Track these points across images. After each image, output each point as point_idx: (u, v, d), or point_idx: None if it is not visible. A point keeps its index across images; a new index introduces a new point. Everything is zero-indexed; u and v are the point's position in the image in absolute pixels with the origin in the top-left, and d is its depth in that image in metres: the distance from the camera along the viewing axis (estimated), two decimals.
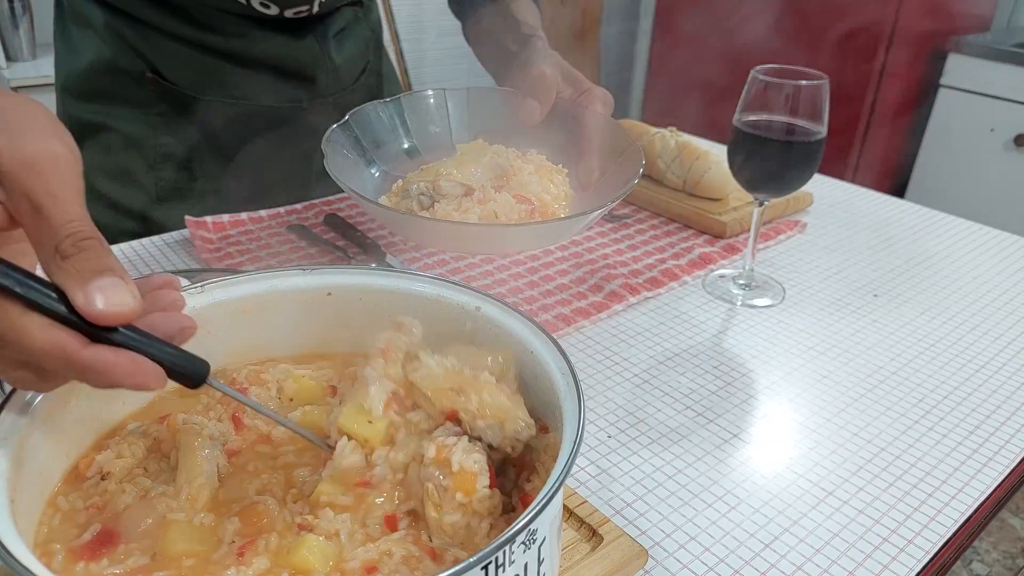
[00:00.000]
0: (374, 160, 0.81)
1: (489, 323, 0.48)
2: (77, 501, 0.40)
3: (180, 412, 0.46)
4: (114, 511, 0.39)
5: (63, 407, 0.42)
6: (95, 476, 0.42)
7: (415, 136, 0.84)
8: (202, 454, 0.42)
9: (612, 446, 0.62)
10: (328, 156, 0.70)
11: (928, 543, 0.54)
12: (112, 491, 0.40)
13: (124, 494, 0.40)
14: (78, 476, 0.42)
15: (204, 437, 0.43)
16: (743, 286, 0.86)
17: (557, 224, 0.68)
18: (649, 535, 0.54)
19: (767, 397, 0.69)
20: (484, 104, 0.85)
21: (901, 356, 0.75)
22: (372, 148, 0.81)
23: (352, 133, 0.79)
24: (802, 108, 0.75)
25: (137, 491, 0.40)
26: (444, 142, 0.81)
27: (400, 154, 0.83)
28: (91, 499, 0.40)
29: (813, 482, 0.59)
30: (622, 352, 0.74)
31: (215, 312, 0.50)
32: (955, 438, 0.64)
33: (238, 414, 0.47)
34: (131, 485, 0.40)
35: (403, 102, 0.84)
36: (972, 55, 2.34)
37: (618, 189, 0.71)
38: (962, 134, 2.40)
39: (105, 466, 0.42)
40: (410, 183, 0.73)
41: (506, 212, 0.70)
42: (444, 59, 2.70)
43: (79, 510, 0.40)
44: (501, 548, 0.32)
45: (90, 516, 0.39)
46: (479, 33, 0.95)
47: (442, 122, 0.85)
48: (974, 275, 0.92)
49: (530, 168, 0.75)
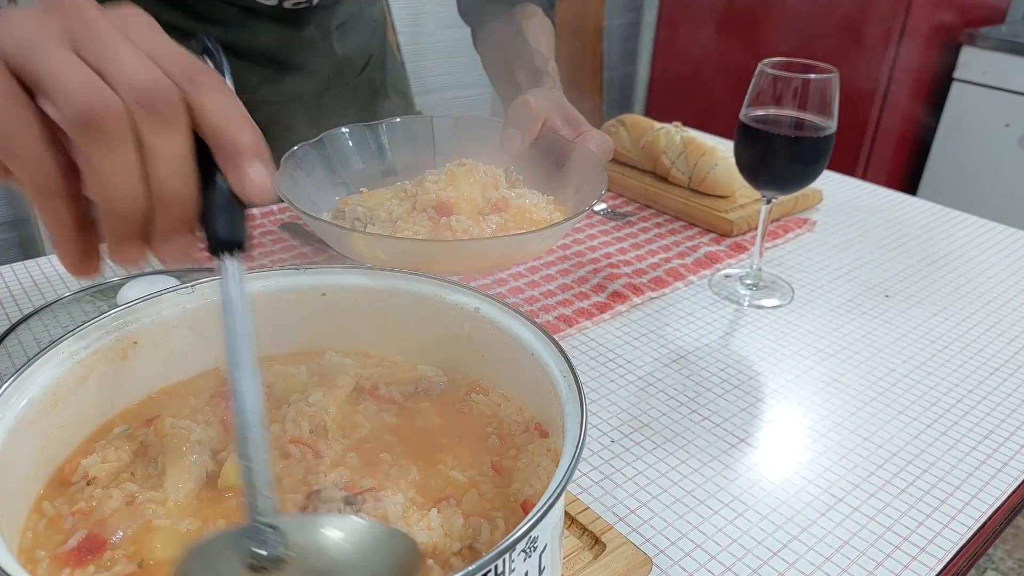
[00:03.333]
0: (343, 181, 0.82)
1: (488, 324, 0.48)
2: (63, 506, 0.40)
3: (168, 415, 0.46)
4: (100, 517, 0.39)
5: (49, 411, 0.42)
6: (81, 481, 0.42)
7: (394, 159, 0.87)
8: (190, 459, 0.42)
9: (615, 451, 0.62)
10: (281, 171, 0.73)
11: (941, 551, 0.54)
12: (98, 496, 0.40)
13: (111, 499, 0.40)
14: (63, 481, 0.42)
15: (192, 442, 0.43)
16: (750, 286, 0.86)
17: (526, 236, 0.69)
18: (653, 543, 0.54)
19: (775, 401, 0.69)
20: (469, 132, 0.87)
21: (914, 359, 0.75)
22: (341, 168, 0.83)
23: (324, 152, 0.81)
24: (811, 102, 0.75)
25: (123, 496, 0.40)
26: (425, 168, 0.82)
27: (376, 177, 0.84)
28: (77, 504, 0.40)
29: (822, 488, 0.59)
30: (625, 354, 0.74)
31: (205, 313, 0.50)
32: (969, 443, 0.64)
33: (227, 417, 0.47)
34: (117, 490, 0.40)
35: (384, 128, 0.86)
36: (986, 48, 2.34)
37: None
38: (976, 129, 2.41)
39: (91, 470, 0.42)
40: (345, 206, 0.76)
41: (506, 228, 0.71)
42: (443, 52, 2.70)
43: (64, 516, 0.40)
44: (501, 556, 0.32)
45: (76, 522, 0.39)
46: (490, 50, 0.97)
47: (426, 149, 0.87)
48: (989, 275, 0.92)
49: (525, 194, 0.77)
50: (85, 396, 0.45)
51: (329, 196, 0.80)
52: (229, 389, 0.36)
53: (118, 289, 0.71)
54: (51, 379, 0.42)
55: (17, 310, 0.75)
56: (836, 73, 0.75)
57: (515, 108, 0.80)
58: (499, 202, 0.74)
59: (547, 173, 0.80)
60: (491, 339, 0.48)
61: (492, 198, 0.75)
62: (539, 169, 0.81)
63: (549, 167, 0.80)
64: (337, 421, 0.46)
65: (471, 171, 0.76)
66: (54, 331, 0.69)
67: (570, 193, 0.78)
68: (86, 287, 0.75)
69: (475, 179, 0.75)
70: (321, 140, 0.81)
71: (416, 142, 0.88)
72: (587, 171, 0.77)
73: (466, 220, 0.70)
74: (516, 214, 0.74)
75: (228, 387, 0.48)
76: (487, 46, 0.98)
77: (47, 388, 0.42)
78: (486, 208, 0.74)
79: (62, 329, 0.69)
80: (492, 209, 0.73)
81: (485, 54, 0.99)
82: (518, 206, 0.74)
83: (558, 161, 0.80)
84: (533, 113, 0.79)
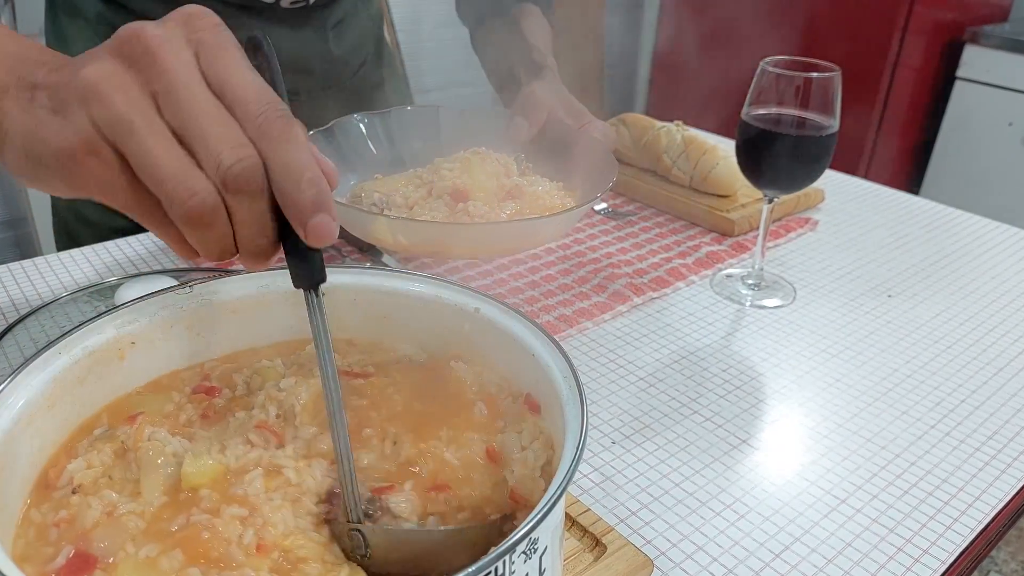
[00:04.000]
0: (354, 168, 0.83)
1: (488, 325, 0.48)
2: (48, 514, 0.39)
3: (149, 414, 0.45)
4: (82, 528, 0.38)
5: (47, 412, 0.42)
6: (67, 486, 0.41)
7: (400, 149, 0.88)
8: (164, 472, 0.41)
9: (616, 452, 0.62)
10: None
11: (944, 552, 0.54)
12: (77, 504, 0.39)
13: (90, 509, 0.39)
14: (48, 484, 0.41)
15: (167, 454, 0.42)
16: (752, 286, 0.86)
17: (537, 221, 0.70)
18: (655, 544, 0.54)
19: (777, 401, 0.69)
20: (475, 122, 0.88)
21: (916, 359, 0.75)
22: (354, 157, 0.84)
23: (334, 140, 0.82)
24: (813, 101, 0.75)
25: (103, 506, 0.39)
26: (432, 156, 0.83)
27: (383, 165, 0.85)
28: (59, 513, 0.39)
29: (825, 490, 0.59)
30: (626, 355, 0.74)
31: (204, 313, 0.50)
32: (972, 443, 0.64)
33: (208, 412, 0.47)
34: (96, 499, 0.40)
35: (393, 116, 0.87)
36: (990, 46, 2.34)
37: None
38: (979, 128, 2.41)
39: (76, 477, 0.41)
40: (362, 192, 0.76)
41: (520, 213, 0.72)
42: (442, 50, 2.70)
43: (48, 525, 0.39)
44: (501, 558, 0.32)
45: (60, 533, 0.38)
46: (488, 47, 0.99)
47: (433, 138, 0.88)
48: (992, 275, 0.92)
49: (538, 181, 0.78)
50: (83, 397, 0.45)
51: (342, 183, 0.81)
52: (326, 412, 0.39)
53: (116, 289, 0.71)
54: (48, 380, 0.42)
55: (14, 310, 0.75)
56: (838, 72, 0.75)
57: (522, 98, 0.80)
58: (513, 189, 0.75)
59: (554, 162, 0.81)
60: (491, 340, 0.48)
61: (506, 185, 0.76)
62: (546, 158, 0.82)
63: (556, 156, 0.81)
64: (308, 408, 0.46)
65: (485, 159, 0.77)
66: (51, 332, 0.69)
67: (578, 182, 0.79)
68: (83, 287, 0.75)
69: (489, 167, 0.77)
70: (331, 128, 0.82)
71: (424, 132, 0.89)
72: (596, 159, 0.78)
73: (482, 206, 0.72)
74: (530, 201, 0.75)
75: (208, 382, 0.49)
76: (485, 45, 0.99)
77: (44, 389, 0.42)
78: (500, 194, 0.75)
79: (59, 329, 0.69)
80: (506, 196, 0.75)
81: (483, 53, 0.99)
82: (531, 193, 0.76)
83: (564, 150, 0.81)
84: (540, 103, 0.80)
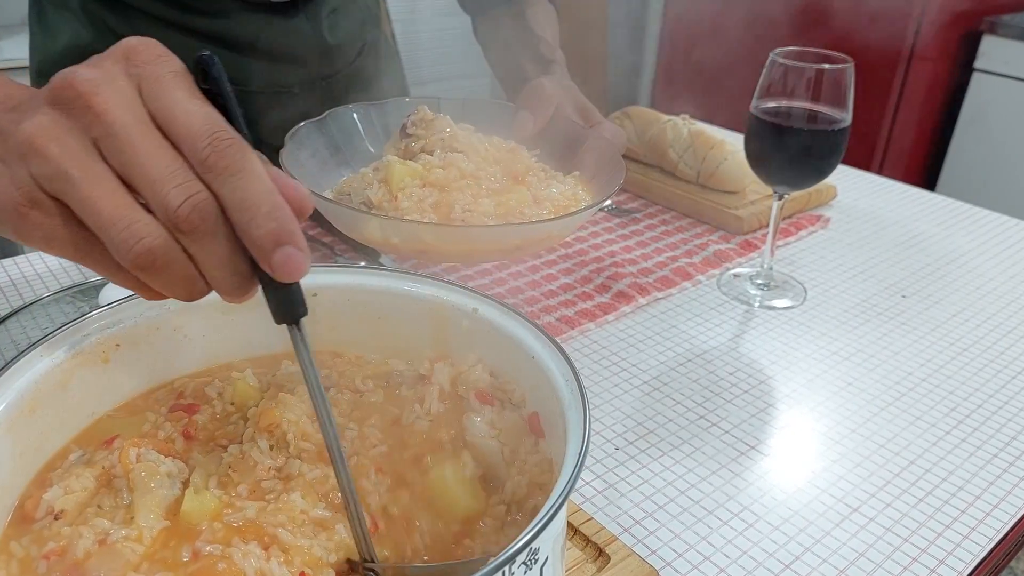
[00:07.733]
0: (348, 161, 0.82)
1: (487, 325, 0.48)
2: (32, 547, 0.39)
3: (129, 437, 0.44)
4: (75, 559, 0.38)
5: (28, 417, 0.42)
6: (47, 517, 0.40)
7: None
8: (160, 493, 0.41)
9: (620, 459, 0.62)
10: (288, 151, 0.72)
11: (961, 563, 0.54)
12: (67, 535, 0.39)
13: (82, 538, 0.38)
14: (25, 517, 0.41)
15: (161, 475, 0.42)
16: (761, 286, 0.86)
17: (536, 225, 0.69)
18: (660, 555, 0.54)
19: (787, 406, 0.69)
20: (478, 114, 0.87)
21: (931, 362, 0.75)
22: (347, 149, 0.83)
23: (328, 131, 0.81)
24: (825, 94, 0.75)
25: (95, 534, 0.39)
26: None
27: (378, 158, 0.84)
28: (47, 545, 0.38)
29: (837, 498, 0.59)
30: (630, 357, 0.74)
31: (193, 315, 0.50)
32: (990, 450, 0.64)
33: (189, 430, 0.46)
34: (87, 527, 0.39)
35: (391, 107, 0.86)
36: (1009, 36, 2.33)
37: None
38: (998, 122, 2.40)
39: (56, 503, 0.40)
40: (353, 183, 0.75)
41: (520, 209, 0.71)
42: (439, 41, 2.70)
43: (36, 558, 0.38)
44: (500, 568, 0.32)
45: (51, 566, 0.38)
46: (493, 40, 0.98)
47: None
48: (1010, 274, 0.92)
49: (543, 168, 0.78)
50: (66, 402, 0.45)
51: (333, 177, 0.80)
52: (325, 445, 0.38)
53: (100, 289, 0.71)
54: (29, 384, 0.42)
55: None
56: (851, 63, 0.75)
57: (529, 91, 0.80)
58: (518, 173, 0.75)
59: (559, 159, 0.81)
60: (490, 341, 0.48)
61: (515, 170, 0.76)
62: (551, 154, 0.81)
63: (562, 153, 0.81)
64: (299, 435, 0.45)
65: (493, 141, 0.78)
66: (32, 333, 0.69)
67: (584, 181, 0.79)
68: (66, 287, 0.75)
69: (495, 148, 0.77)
70: (325, 119, 0.81)
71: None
72: (604, 159, 0.78)
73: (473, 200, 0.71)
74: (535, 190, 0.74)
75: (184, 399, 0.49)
76: (489, 35, 0.99)
77: (25, 393, 0.42)
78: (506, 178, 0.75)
79: (41, 331, 0.69)
80: (513, 180, 0.74)
81: (487, 44, 0.99)
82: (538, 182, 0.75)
83: (571, 147, 0.80)
84: (547, 97, 0.79)
